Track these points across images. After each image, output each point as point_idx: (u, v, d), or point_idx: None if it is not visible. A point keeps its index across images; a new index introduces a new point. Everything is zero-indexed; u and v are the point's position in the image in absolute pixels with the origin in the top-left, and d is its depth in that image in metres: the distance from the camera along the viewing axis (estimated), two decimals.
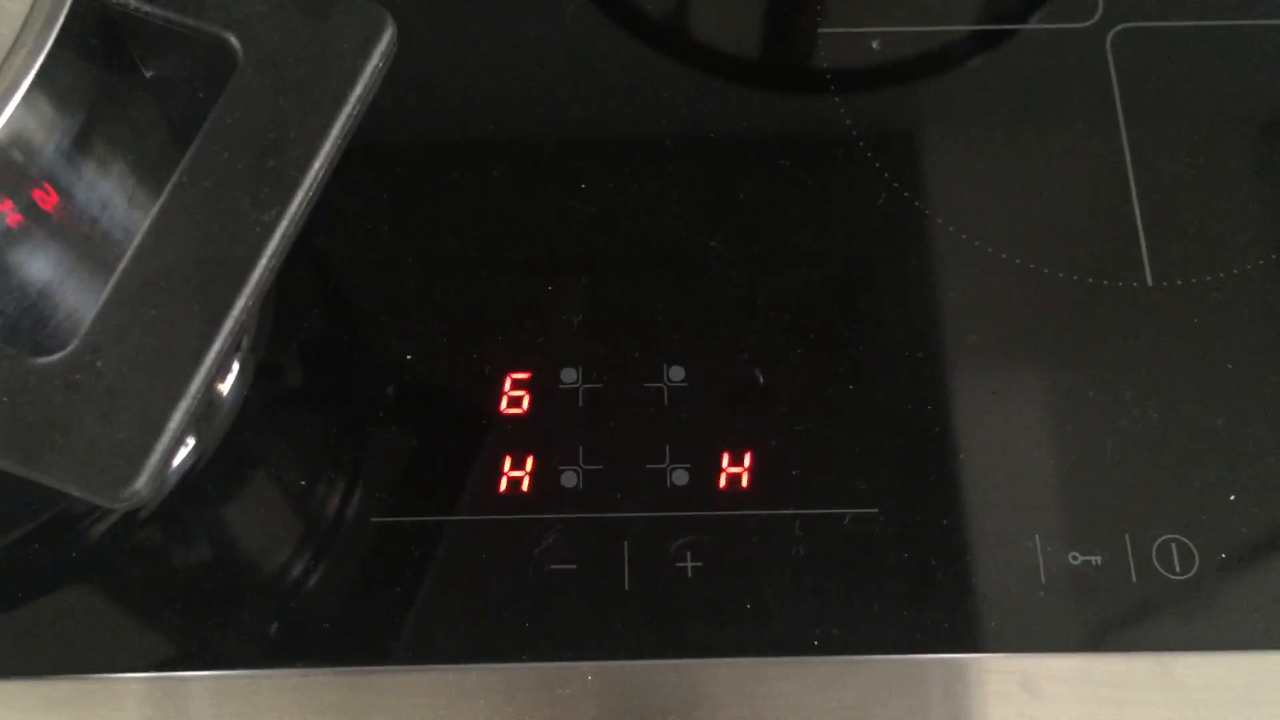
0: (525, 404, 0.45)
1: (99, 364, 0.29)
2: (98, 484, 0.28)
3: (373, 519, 0.44)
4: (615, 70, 0.52)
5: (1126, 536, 0.43)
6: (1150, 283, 0.47)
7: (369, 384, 0.46)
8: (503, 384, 0.45)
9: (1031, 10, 0.53)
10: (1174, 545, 0.43)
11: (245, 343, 0.47)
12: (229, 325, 0.29)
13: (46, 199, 0.35)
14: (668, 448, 0.44)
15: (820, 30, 0.52)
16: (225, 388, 0.47)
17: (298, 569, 0.43)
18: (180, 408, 0.28)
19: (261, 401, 0.46)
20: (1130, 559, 0.43)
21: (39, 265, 0.36)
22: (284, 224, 0.30)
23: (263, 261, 0.30)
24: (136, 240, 0.30)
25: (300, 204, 0.30)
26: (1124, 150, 0.49)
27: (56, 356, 0.29)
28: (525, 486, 0.44)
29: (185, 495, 0.44)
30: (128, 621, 0.43)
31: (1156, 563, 0.43)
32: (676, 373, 0.46)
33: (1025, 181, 0.49)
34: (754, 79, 0.52)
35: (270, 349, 0.47)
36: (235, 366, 0.47)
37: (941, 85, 0.51)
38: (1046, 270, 0.47)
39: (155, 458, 0.28)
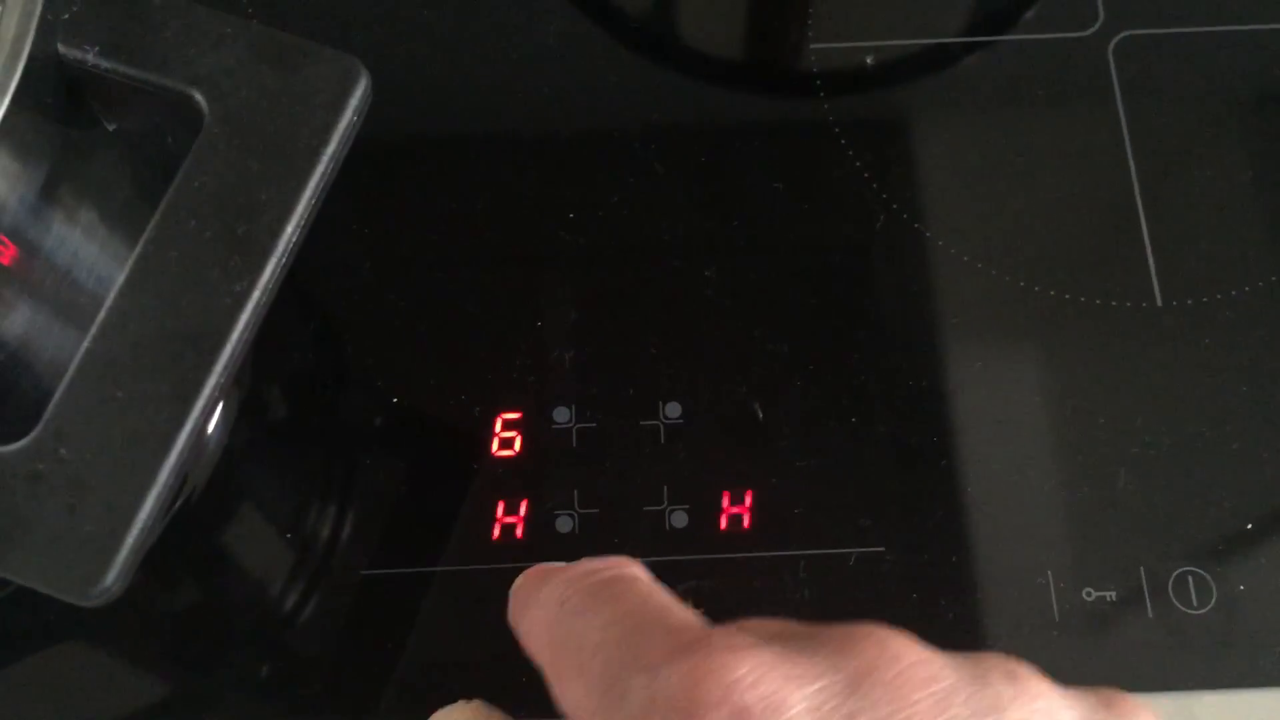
0: (517, 445, 0.44)
1: (63, 451, 0.27)
2: (65, 582, 0.26)
3: (362, 572, 0.42)
4: (604, 97, 0.50)
5: (1141, 570, 0.42)
6: (1160, 302, 0.46)
7: (355, 429, 0.45)
8: (493, 425, 0.44)
9: (1030, 19, 0.51)
10: (1190, 578, 0.42)
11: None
12: (200, 405, 0.28)
13: (4, 251, 0.34)
14: (665, 488, 0.43)
15: (812, 46, 0.50)
16: (210, 425, 0.45)
17: (283, 628, 0.42)
18: (150, 497, 0.27)
19: (245, 448, 0.45)
20: (1146, 594, 0.41)
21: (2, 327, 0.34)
22: (256, 294, 0.28)
23: (235, 335, 0.28)
24: (100, 316, 0.28)
25: (273, 272, 0.29)
26: (1129, 164, 0.48)
27: (18, 445, 0.27)
28: (519, 533, 0.43)
29: (168, 548, 0.42)
30: (103, 686, 0.41)
31: (1173, 597, 0.41)
32: (673, 409, 0.44)
33: (1028, 199, 0.48)
34: (747, 101, 0.50)
35: (254, 384, 0.46)
36: (219, 403, 0.45)
37: (939, 101, 0.50)
38: (1052, 292, 0.46)
39: (125, 552, 0.26)
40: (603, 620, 0.25)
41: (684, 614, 0.25)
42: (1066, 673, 0.40)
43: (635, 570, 0.27)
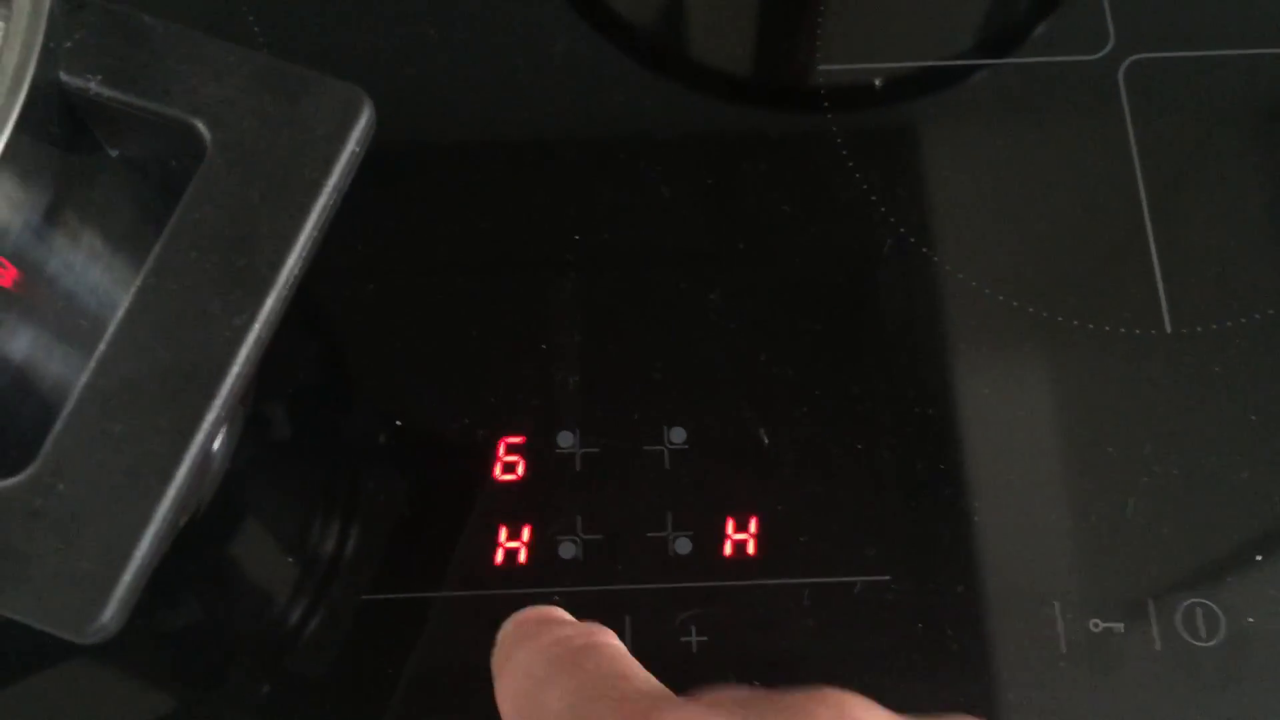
0: (520, 470, 0.43)
1: (60, 487, 0.27)
2: (61, 619, 0.26)
3: (363, 596, 0.42)
4: (611, 114, 0.50)
5: (1150, 602, 0.41)
6: (1169, 329, 0.45)
7: (357, 451, 0.44)
8: (497, 449, 0.44)
9: (1040, 42, 0.50)
10: (1199, 610, 0.41)
11: None
12: (199, 439, 0.27)
13: (4, 274, 0.34)
14: (669, 515, 0.43)
15: (820, 68, 0.50)
16: (216, 444, 0.45)
17: (284, 649, 0.41)
18: (149, 533, 0.27)
19: (249, 468, 0.44)
20: (1154, 626, 0.41)
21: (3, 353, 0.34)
22: (256, 328, 0.28)
23: (234, 370, 0.28)
24: (100, 349, 0.28)
25: (273, 305, 0.28)
26: (1139, 189, 0.47)
27: (15, 480, 0.27)
28: (522, 558, 0.42)
29: (170, 566, 0.42)
30: (102, 704, 0.41)
31: (1181, 629, 0.41)
32: (677, 434, 0.44)
33: (1036, 224, 0.47)
34: (755, 122, 0.50)
35: (259, 404, 0.46)
36: (220, 435, 0.45)
37: (948, 124, 0.49)
38: (1060, 318, 0.45)
39: (122, 589, 0.26)
40: (560, 690, 0.25)
41: (643, 683, 0.25)
42: (1073, 705, 0.40)
43: (603, 637, 0.27)
